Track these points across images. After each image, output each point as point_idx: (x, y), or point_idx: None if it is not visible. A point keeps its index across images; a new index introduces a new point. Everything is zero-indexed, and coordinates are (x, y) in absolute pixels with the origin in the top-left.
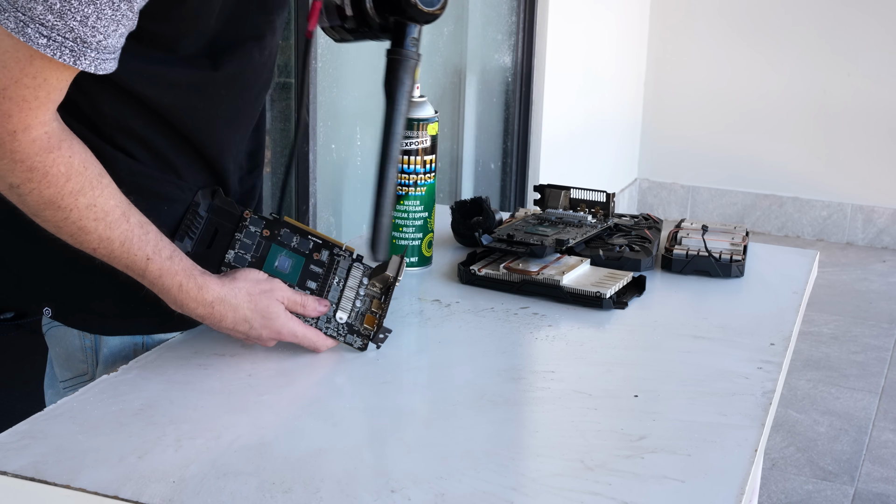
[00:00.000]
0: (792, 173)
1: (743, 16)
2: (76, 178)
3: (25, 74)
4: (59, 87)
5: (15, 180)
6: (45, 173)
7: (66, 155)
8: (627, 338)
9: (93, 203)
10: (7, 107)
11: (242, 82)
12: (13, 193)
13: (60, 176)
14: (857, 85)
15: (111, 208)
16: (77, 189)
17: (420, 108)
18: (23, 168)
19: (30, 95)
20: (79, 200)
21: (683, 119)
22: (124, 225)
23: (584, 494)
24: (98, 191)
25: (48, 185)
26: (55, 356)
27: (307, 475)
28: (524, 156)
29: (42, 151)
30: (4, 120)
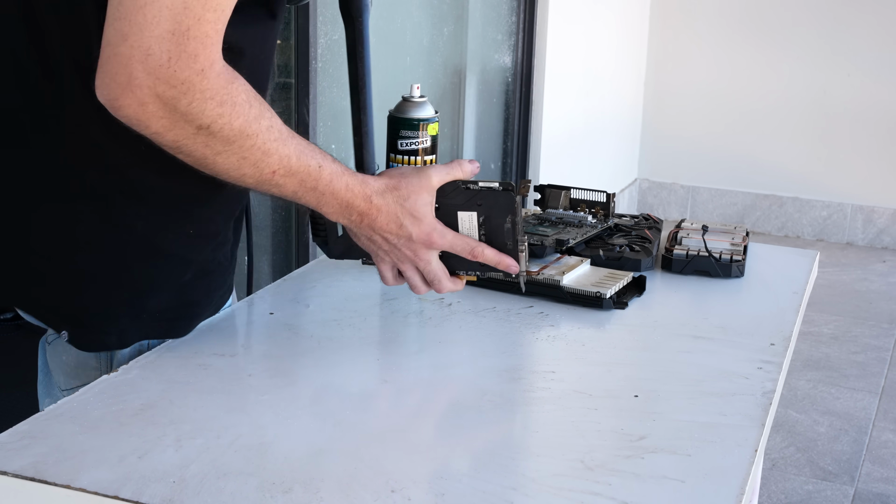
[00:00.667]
0: (792, 173)
1: (743, 16)
2: (255, 102)
3: (208, 9)
4: (229, 14)
5: (206, 119)
6: (233, 104)
7: (242, 83)
8: (627, 338)
9: (270, 124)
10: (193, 47)
11: (277, 35)
12: (199, 137)
13: (245, 103)
14: (857, 85)
15: (280, 126)
16: (258, 113)
17: (420, 108)
18: (214, 104)
19: (211, 30)
20: (261, 123)
21: (683, 119)
22: (293, 139)
23: (584, 494)
24: (269, 112)
25: (238, 115)
26: (60, 365)
27: (307, 475)
28: (524, 156)
29: (227, 83)
30: (191, 61)
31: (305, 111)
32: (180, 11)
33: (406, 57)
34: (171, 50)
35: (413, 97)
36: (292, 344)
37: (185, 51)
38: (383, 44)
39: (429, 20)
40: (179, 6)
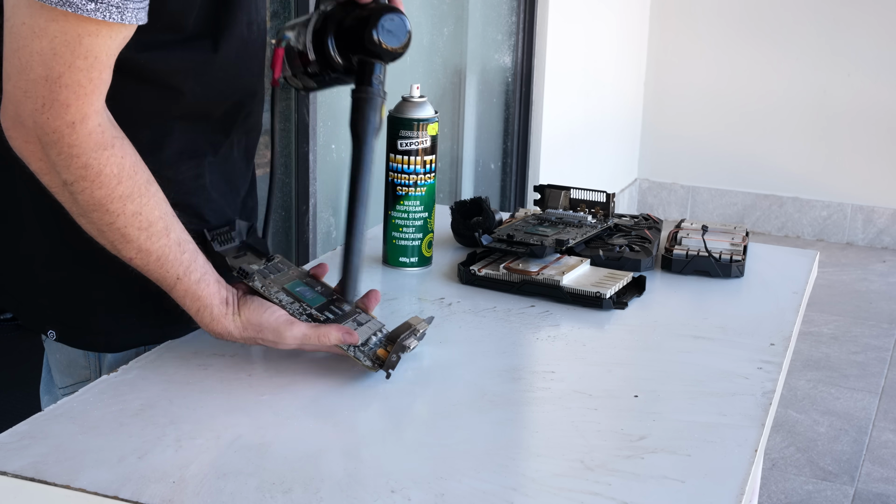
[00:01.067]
0: (792, 173)
1: (743, 16)
2: (127, 182)
3: (77, 56)
4: (108, 65)
5: (69, 177)
6: (98, 172)
7: (119, 155)
8: (627, 338)
9: (139, 211)
10: (65, 96)
11: (240, 61)
12: (65, 192)
13: (112, 177)
14: (857, 85)
15: (156, 219)
16: (127, 193)
17: (420, 108)
18: (78, 164)
19: (84, 79)
20: (126, 206)
21: (683, 119)
22: (164, 239)
23: (584, 494)
24: (146, 199)
25: (100, 186)
26: (55, 363)
27: (307, 475)
28: (524, 156)
29: (97, 147)
30: (63, 111)
31: (305, 111)
32: (50, 57)
33: (406, 57)
34: (45, 96)
35: (413, 97)
36: None
37: (58, 99)
38: None
39: (429, 20)
40: (48, 52)
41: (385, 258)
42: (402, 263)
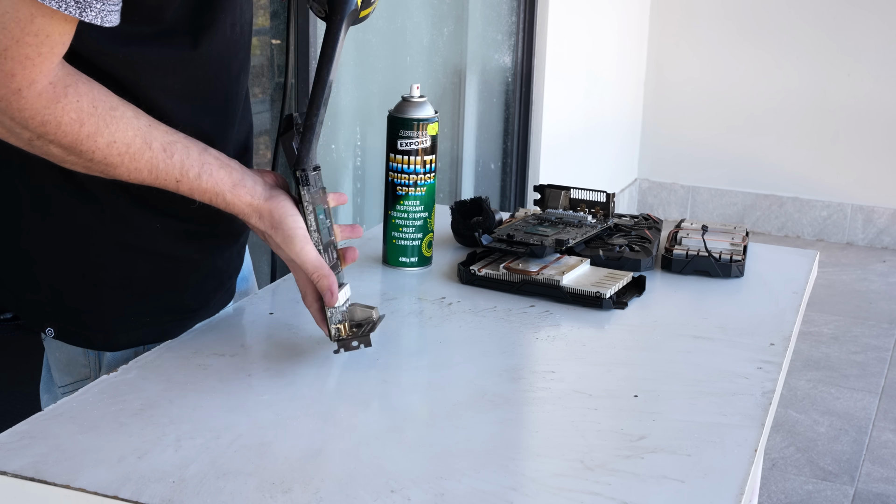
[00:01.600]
0: (792, 173)
1: (743, 16)
2: (89, 121)
3: (27, 33)
4: (61, 41)
5: (30, 135)
6: (57, 124)
7: (74, 100)
8: (627, 338)
9: (112, 140)
10: (10, 66)
11: (219, 61)
12: (34, 147)
13: (73, 123)
14: (858, 85)
15: (130, 139)
16: (94, 131)
17: (420, 108)
18: (35, 123)
19: (32, 53)
20: (98, 141)
21: (683, 119)
22: (147, 153)
23: (584, 494)
24: (114, 126)
25: (64, 135)
26: (54, 362)
27: (307, 475)
28: (524, 156)
29: (50, 103)
30: (7, 80)
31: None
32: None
33: (406, 57)
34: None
35: (413, 97)
36: (292, 344)
37: (2, 69)
38: (383, 44)
39: (429, 20)
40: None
41: (385, 258)
42: (402, 263)
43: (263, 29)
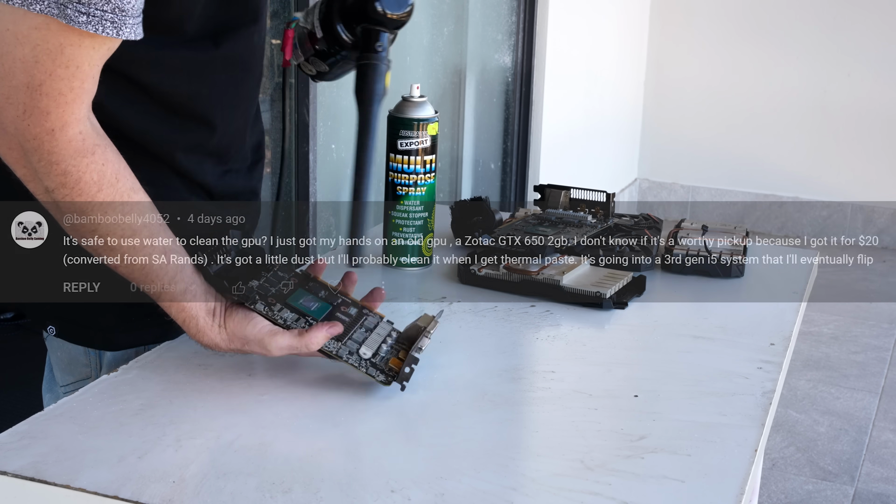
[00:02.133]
0: (792, 173)
1: (743, 15)
2: (108, 190)
3: (58, 65)
4: (91, 74)
5: (50, 184)
6: (77, 179)
7: (100, 162)
8: (627, 338)
9: (121, 220)
10: (45, 104)
11: (242, 65)
12: (49, 198)
13: (93, 184)
14: (857, 85)
15: (139, 229)
16: (108, 202)
17: (420, 108)
18: (58, 171)
19: (65, 88)
20: (108, 215)
21: (683, 119)
22: (147, 249)
23: (584, 494)
24: (129, 207)
25: (80, 193)
26: (56, 361)
27: (307, 475)
28: (524, 156)
29: (77, 154)
30: (42, 118)
31: (305, 111)
32: (31, 65)
33: (406, 57)
34: (25, 103)
35: (413, 97)
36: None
37: (38, 106)
38: None
39: (429, 20)
40: (30, 59)
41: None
42: (402, 263)
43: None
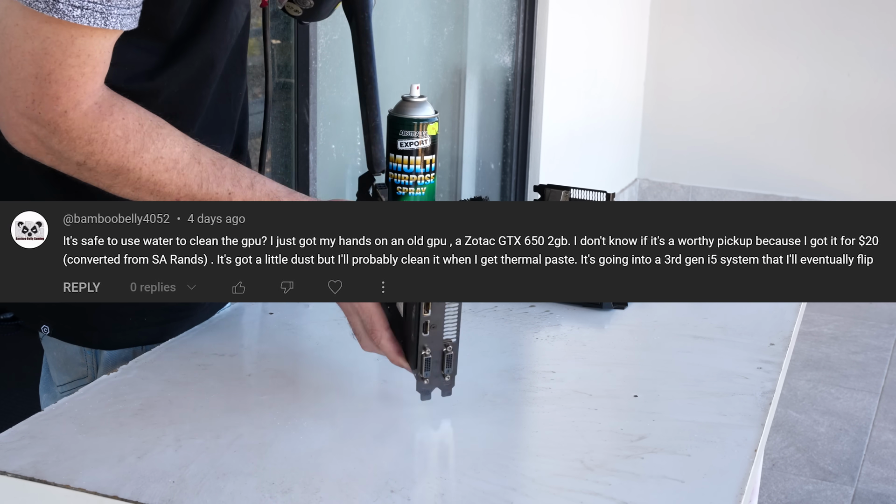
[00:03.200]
0: (792, 173)
1: (743, 16)
2: (134, 137)
3: (69, 55)
4: (102, 59)
5: (79, 157)
6: (104, 141)
7: (120, 118)
8: (627, 338)
9: (159, 156)
10: (55, 90)
11: (218, 68)
12: (83, 171)
13: (119, 140)
14: (857, 85)
15: (178, 154)
16: (139, 147)
17: (420, 108)
18: (82, 143)
19: (76, 74)
20: (144, 157)
21: (683, 119)
22: (196, 167)
23: (584, 494)
24: (160, 142)
25: (111, 153)
26: (52, 361)
27: (307, 475)
28: (524, 156)
29: (96, 121)
30: (53, 103)
31: (305, 111)
32: (41, 56)
33: (406, 57)
34: (34, 92)
35: (413, 97)
36: (292, 344)
37: (48, 93)
38: (383, 44)
39: (429, 20)
40: (40, 52)
41: None
42: None
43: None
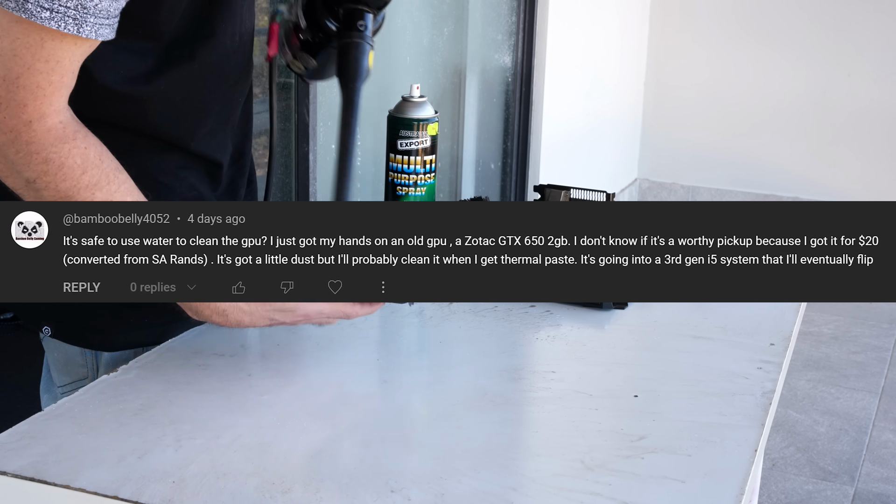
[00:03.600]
0: (792, 173)
1: (743, 16)
2: (92, 171)
3: (38, 59)
4: (70, 70)
5: (31, 174)
6: (60, 165)
7: (82, 146)
8: (627, 338)
9: (109, 199)
10: (22, 96)
11: (218, 71)
12: (29, 190)
13: (76, 168)
14: (857, 85)
15: (126, 202)
16: (93, 182)
17: (420, 108)
18: (38, 160)
19: (44, 81)
20: (95, 195)
21: (683, 119)
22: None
23: (584, 494)
24: (115, 186)
25: (63, 178)
26: (53, 361)
27: (307, 475)
28: (524, 156)
29: (57, 142)
30: (19, 110)
31: (305, 111)
32: (10, 58)
33: (406, 57)
34: (2, 96)
35: (413, 97)
36: (292, 344)
37: (14, 99)
38: (383, 44)
39: (429, 20)
40: (9, 52)
41: None
42: None
43: (263, 29)
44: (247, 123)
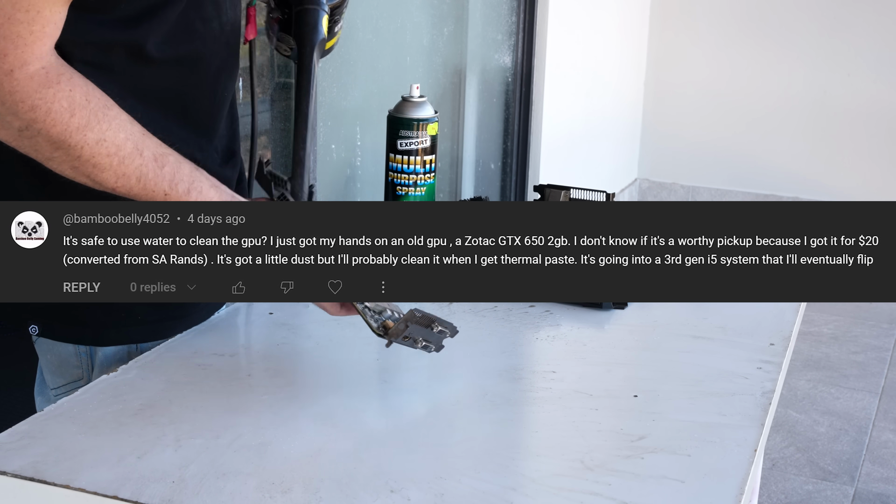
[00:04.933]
0: (792, 173)
1: (743, 16)
2: (80, 112)
3: (18, 9)
4: (52, 20)
5: (20, 123)
6: (47, 111)
7: (67, 89)
8: (627, 338)
9: (102, 138)
10: (2, 45)
11: (196, 56)
12: (23, 139)
13: (64, 111)
14: (857, 85)
15: (121, 141)
16: (83, 123)
17: (420, 108)
18: (24, 108)
19: (24, 31)
20: (87, 136)
21: (683, 119)
22: (137, 160)
23: (584, 494)
24: (105, 124)
25: (53, 123)
26: (46, 364)
27: (307, 475)
28: (524, 156)
29: (41, 87)
30: (0, 60)
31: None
32: None
33: (406, 57)
34: None
35: (413, 97)
36: (292, 344)
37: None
38: (383, 44)
39: (429, 20)
40: None
41: None
42: None
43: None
44: (233, 123)
